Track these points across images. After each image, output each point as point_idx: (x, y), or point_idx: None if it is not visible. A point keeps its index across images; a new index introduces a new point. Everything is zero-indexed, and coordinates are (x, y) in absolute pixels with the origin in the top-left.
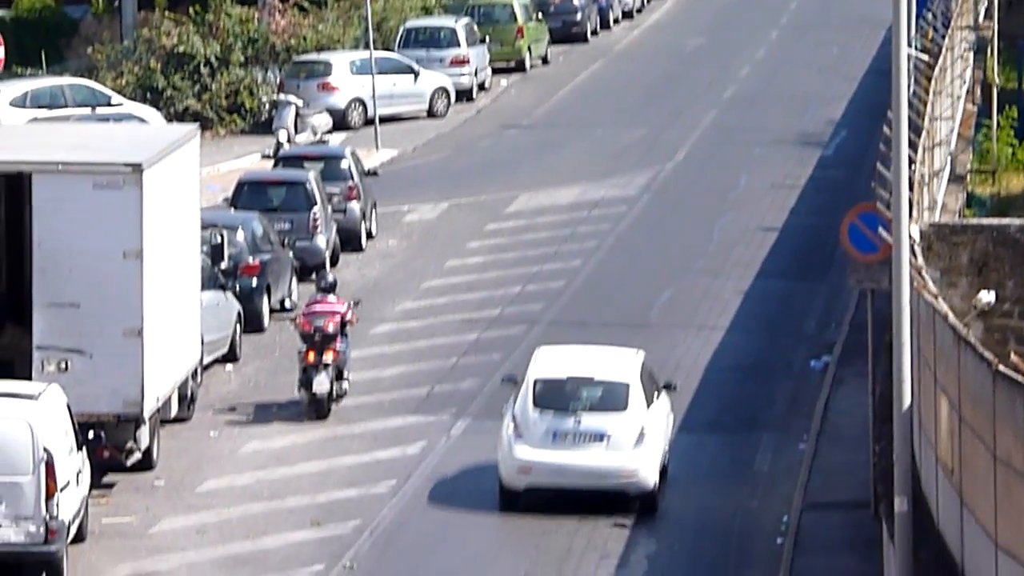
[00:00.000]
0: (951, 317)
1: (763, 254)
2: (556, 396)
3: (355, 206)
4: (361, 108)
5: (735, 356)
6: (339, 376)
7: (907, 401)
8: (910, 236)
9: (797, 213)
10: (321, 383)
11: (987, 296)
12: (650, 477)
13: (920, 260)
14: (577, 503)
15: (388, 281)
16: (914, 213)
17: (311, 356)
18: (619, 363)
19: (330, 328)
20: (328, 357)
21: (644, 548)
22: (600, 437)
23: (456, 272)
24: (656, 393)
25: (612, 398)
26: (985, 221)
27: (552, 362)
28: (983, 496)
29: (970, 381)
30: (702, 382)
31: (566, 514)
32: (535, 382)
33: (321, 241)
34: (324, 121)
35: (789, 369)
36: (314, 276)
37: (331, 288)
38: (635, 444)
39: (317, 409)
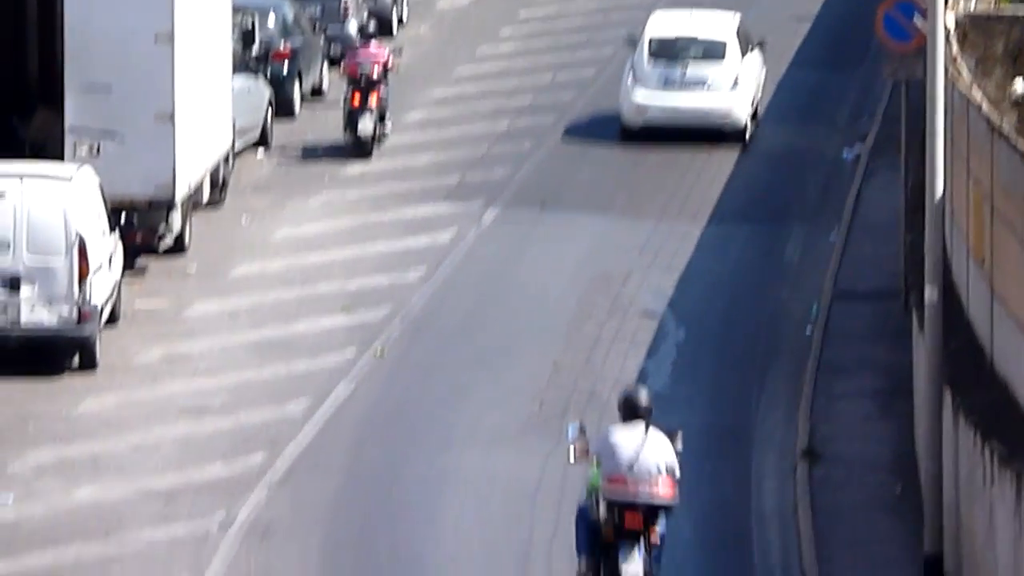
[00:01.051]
0: (985, 107)
1: (797, 43)
2: (667, 50)
3: None
4: None
5: (767, 146)
6: (381, 119)
7: (940, 191)
8: (945, 25)
9: (831, 3)
10: (365, 124)
11: (1022, 86)
12: (742, 116)
13: (955, 49)
14: (682, 135)
15: (419, 68)
16: (950, 1)
17: (356, 99)
18: (719, 23)
19: (375, 73)
20: (372, 100)
21: (673, 337)
22: (702, 83)
23: (487, 59)
24: (750, 48)
25: (712, 51)
26: (1022, 10)
27: (664, 23)
28: (1014, 286)
29: (1003, 171)
30: (733, 172)
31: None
32: (650, 40)
33: (352, 27)
34: None
35: (821, 159)
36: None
37: (373, 36)
38: (731, 88)
39: (361, 149)
